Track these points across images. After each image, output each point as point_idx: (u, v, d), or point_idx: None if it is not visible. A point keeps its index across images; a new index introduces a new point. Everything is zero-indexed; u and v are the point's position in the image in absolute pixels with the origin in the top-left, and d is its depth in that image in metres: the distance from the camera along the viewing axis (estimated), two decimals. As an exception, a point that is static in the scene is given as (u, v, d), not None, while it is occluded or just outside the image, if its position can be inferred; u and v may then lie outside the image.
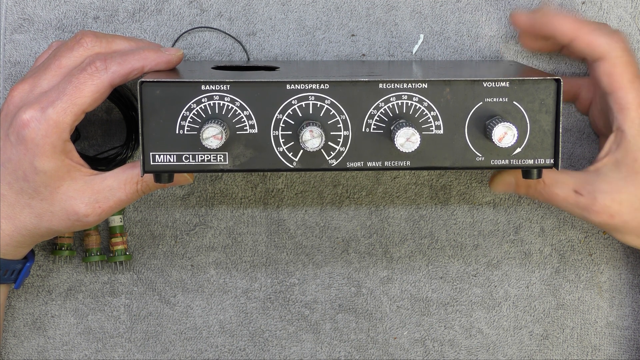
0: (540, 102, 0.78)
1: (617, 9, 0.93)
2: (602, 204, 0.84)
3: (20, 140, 0.80)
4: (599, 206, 0.84)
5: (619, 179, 0.84)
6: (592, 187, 0.84)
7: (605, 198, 0.84)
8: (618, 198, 0.84)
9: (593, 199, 0.84)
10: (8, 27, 0.91)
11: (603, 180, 0.84)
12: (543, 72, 0.81)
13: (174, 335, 0.96)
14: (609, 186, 0.84)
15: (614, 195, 0.84)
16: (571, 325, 0.97)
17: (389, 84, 0.77)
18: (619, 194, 0.84)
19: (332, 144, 0.79)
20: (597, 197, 0.84)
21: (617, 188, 0.84)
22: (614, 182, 0.84)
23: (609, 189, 0.84)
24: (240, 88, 0.77)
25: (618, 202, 0.84)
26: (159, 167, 0.79)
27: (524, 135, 0.79)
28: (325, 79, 0.78)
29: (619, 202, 0.84)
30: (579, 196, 0.84)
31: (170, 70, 0.83)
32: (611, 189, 0.84)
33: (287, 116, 0.78)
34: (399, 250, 0.96)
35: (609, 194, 0.84)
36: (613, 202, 0.84)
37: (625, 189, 0.84)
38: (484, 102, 0.78)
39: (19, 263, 0.88)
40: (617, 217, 0.84)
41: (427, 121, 0.78)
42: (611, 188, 0.84)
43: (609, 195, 0.84)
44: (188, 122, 0.78)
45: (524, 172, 0.80)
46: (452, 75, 0.79)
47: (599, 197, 0.84)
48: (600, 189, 0.84)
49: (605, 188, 0.84)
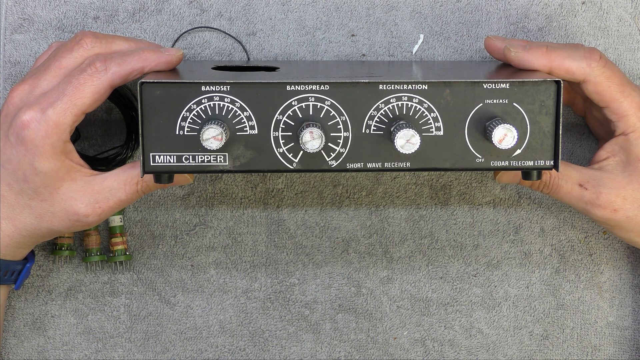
0: (541, 104, 0.78)
1: (617, 9, 0.93)
2: (606, 198, 0.84)
3: (20, 141, 0.80)
4: (603, 200, 0.84)
5: (623, 177, 0.84)
6: (596, 182, 0.84)
7: (610, 193, 0.84)
8: (622, 193, 0.84)
9: (598, 193, 0.84)
10: (8, 27, 0.91)
11: (608, 176, 0.85)
12: (543, 74, 0.80)
13: (174, 335, 0.96)
14: (614, 182, 0.84)
15: (619, 191, 0.84)
16: (571, 326, 0.97)
17: (389, 85, 0.77)
18: (623, 190, 0.84)
19: (332, 145, 0.78)
20: (601, 191, 0.84)
21: (622, 184, 0.84)
22: (618, 179, 0.84)
23: (613, 184, 0.84)
24: (240, 89, 0.77)
25: (622, 197, 0.84)
26: (159, 167, 0.79)
27: (524, 137, 0.79)
28: (325, 80, 0.77)
29: (622, 198, 0.84)
30: (583, 190, 0.85)
31: (170, 71, 0.83)
32: (615, 185, 0.84)
33: (287, 117, 0.78)
34: (399, 250, 0.96)
35: (614, 189, 0.84)
36: (617, 197, 0.84)
37: (629, 186, 0.84)
38: (484, 104, 0.78)
39: (19, 264, 0.88)
40: (621, 212, 0.85)
41: (427, 122, 0.78)
42: (615, 184, 0.84)
43: (613, 191, 0.84)
44: (188, 123, 0.78)
45: (524, 173, 0.80)
46: (452, 77, 0.79)
47: (603, 192, 0.84)
48: (605, 185, 0.84)
49: (610, 184, 0.84)
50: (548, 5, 0.93)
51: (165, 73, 0.81)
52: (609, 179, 0.85)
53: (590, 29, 0.93)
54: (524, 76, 0.79)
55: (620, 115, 0.84)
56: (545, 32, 0.93)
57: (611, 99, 0.84)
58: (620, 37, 0.93)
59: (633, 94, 0.84)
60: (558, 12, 0.93)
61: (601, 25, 0.93)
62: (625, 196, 0.84)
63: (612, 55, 0.93)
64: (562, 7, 0.93)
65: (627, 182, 0.84)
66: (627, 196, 0.84)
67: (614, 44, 0.93)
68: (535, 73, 0.81)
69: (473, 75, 0.83)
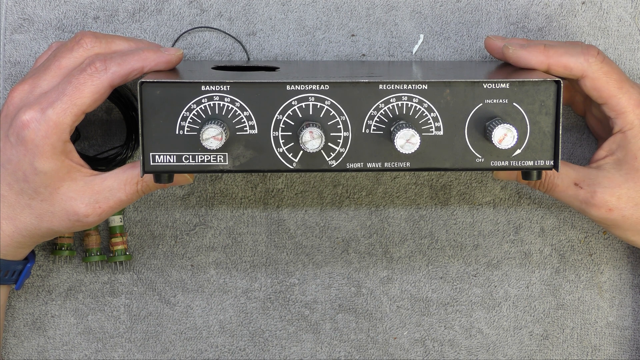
0: (541, 104, 0.78)
1: (617, 9, 0.93)
2: (600, 197, 0.84)
3: (20, 141, 0.80)
4: (598, 200, 0.84)
5: (620, 176, 0.84)
6: (592, 181, 0.85)
7: (605, 192, 0.84)
8: (617, 193, 0.84)
9: (592, 192, 0.84)
10: (8, 27, 0.91)
11: (604, 176, 0.85)
12: (543, 74, 0.80)
13: (174, 335, 0.96)
14: (609, 182, 0.84)
15: (613, 190, 0.84)
16: (571, 326, 0.97)
17: (389, 85, 0.77)
18: (618, 189, 0.84)
19: (332, 145, 0.78)
20: (596, 190, 0.84)
21: (617, 183, 0.84)
22: (614, 178, 0.84)
23: (608, 184, 0.84)
24: (240, 89, 0.77)
25: (617, 196, 0.84)
26: (158, 167, 0.79)
27: (524, 137, 0.79)
28: (325, 79, 0.77)
29: (617, 197, 0.84)
30: (578, 189, 0.85)
31: (170, 70, 0.83)
32: (611, 184, 0.84)
33: (287, 117, 0.78)
34: (399, 250, 0.96)
35: (609, 188, 0.84)
36: (612, 196, 0.84)
37: (625, 185, 0.84)
38: (484, 104, 0.78)
39: (19, 264, 0.88)
40: (616, 212, 0.85)
41: (427, 122, 0.78)
42: (611, 183, 0.84)
43: (608, 190, 0.84)
44: (188, 123, 0.78)
45: (524, 172, 0.80)
46: (452, 76, 0.79)
47: (598, 191, 0.84)
48: (600, 184, 0.84)
49: (605, 183, 0.84)
50: (548, 5, 0.93)
51: (165, 73, 0.81)
52: (605, 178, 0.85)
53: (590, 29, 0.93)
54: (524, 76, 0.79)
55: (619, 112, 0.84)
56: (545, 32, 0.93)
57: (609, 94, 0.84)
58: (620, 37, 0.93)
59: (631, 90, 0.84)
60: (558, 12, 0.93)
61: (601, 25, 0.93)
62: (620, 195, 0.84)
63: (612, 55, 0.93)
64: (562, 7, 0.93)
65: (622, 181, 0.84)
66: (622, 195, 0.84)
67: (614, 44, 0.93)
68: (535, 73, 0.81)
69: (473, 75, 0.83)
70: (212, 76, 0.80)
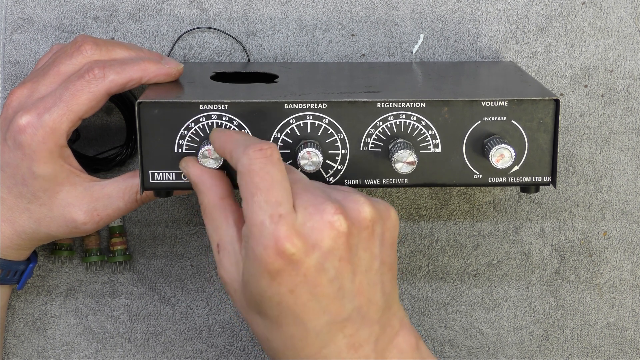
0: (539, 122, 0.78)
1: (617, 10, 0.93)
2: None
3: (18, 145, 0.80)
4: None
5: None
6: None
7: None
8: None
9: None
10: (8, 27, 0.91)
11: None
12: (542, 91, 0.80)
13: (174, 335, 0.97)
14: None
15: None
16: (571, 326, 0.97)
17: (387, 104, 0.77)
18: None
19: (330, 162, 0.78)
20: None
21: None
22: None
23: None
24: (237, 107, 0.77)
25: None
26: (157, 184, 0.79)
27: (522, 154, 0.79)
28: (323, 98, 0.77)
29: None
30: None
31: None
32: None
33: (285, 135, 0.78)
34: (399, 250, 0.96)
35: None
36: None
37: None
38: (482, 121, 0.78)
39: (21, 264, 0.88)
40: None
41: (425, 140, 0.78)
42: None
43: None
44: (186, 141, 0.78)
45: (522, 187, 0.81)
46: (451, 94, 0.79)
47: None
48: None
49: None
50: (548, 6, 0.92)
51: (163, 88, 0.81)
52: None
53: (590, 30, 0.93)
54: (523, 94, 0.79)
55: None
56: (545, 32, 0.93)
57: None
58: (620, 38, 0.93)
59: None
60: (558, 12, 0.93)
61: (601, 26, 0.93)
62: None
63: (612, 55, 0.93)
64: (562, 7, 0.92)
65: None
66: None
67: (614, 44, 0.93)
68: (534, 90, 0.81)
69: (473, 88, 0.83)
70: (210, 92, 0.80)
